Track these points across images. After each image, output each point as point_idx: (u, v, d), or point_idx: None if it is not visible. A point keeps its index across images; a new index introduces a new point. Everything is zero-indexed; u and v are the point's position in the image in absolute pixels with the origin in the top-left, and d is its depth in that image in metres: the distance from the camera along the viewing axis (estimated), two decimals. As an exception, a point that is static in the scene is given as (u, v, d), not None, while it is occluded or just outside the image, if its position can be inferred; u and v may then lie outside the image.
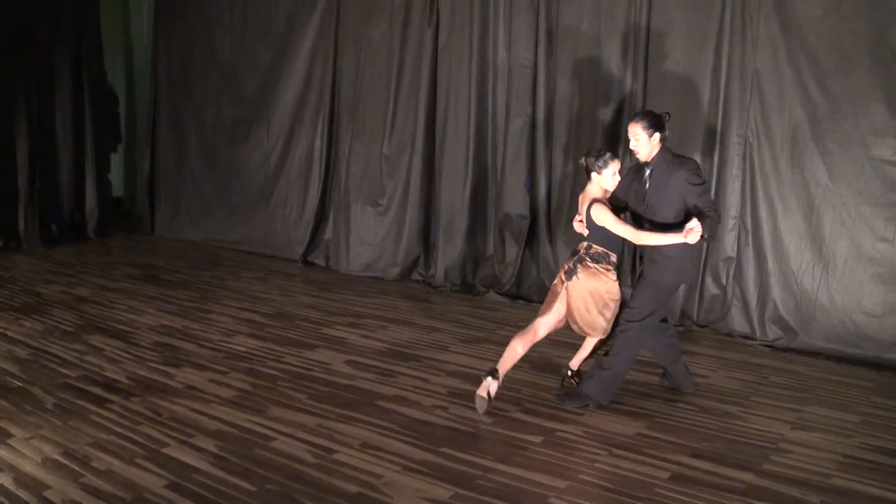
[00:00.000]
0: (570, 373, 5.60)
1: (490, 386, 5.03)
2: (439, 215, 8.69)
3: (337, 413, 4.85)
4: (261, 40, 10.12)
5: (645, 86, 7.39)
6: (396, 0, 8.84)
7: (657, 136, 5.11)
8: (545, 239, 8.10)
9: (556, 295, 5.23)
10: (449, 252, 8.59)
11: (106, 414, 4.72)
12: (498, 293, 8.23)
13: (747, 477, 4.25)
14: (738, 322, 7.13)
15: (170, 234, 11.22)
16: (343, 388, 5.31)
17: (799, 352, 6.75)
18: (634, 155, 5.23)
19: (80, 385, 5.20)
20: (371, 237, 9.11)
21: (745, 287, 7.09)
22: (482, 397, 4.99)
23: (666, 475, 4.21)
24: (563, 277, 5.21)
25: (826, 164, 6.68)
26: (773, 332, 6.95)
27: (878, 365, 6.44)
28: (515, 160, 8.16)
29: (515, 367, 5.30)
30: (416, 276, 8.89)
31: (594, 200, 5.14)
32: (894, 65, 6.39)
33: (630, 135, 5.16)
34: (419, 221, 8.84)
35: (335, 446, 4.37)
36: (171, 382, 5.28)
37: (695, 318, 7.32)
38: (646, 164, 5.18)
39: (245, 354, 5.97)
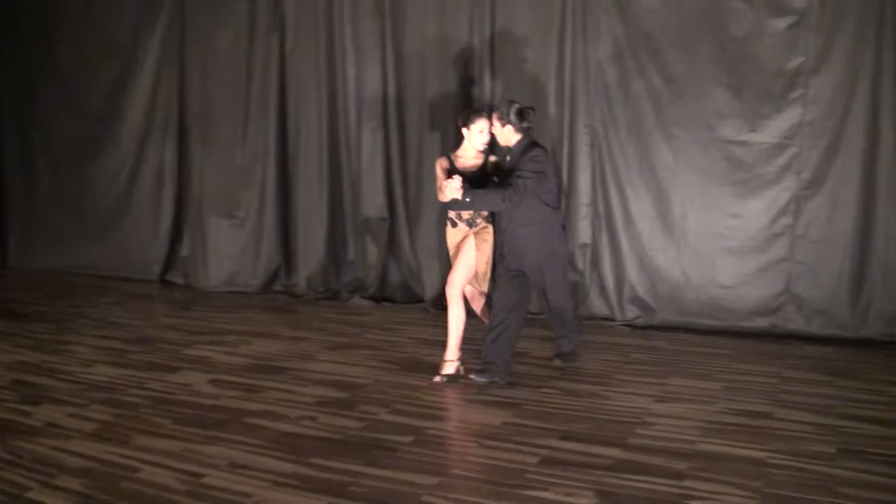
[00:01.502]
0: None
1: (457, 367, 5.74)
2: (298, 223, 8.63)
3: (203, 435, 4.77)
4: (106, 54, 9.78)
5: (493, 82, 7.53)
6: (241, 7, 8.71)
7: (510, 126, 5.60)
8: (406, 240, 8.13)
9: (458, 250, 5.80)
10: (310, 260, 8.55)
11: (-39, 462, 4.51)
12: (362, 297, 8.25)
13: (615, 452, 4.41)
14: (597, 305, 7.38)
15: (23, 265, 10.69)
16: (208, 409, 5.23)
17: (658, 328, 7.07)
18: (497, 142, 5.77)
19: (-70, 432, 4.94)
20: (229, 250, 8.97)
21: (602, 271, 7.34)
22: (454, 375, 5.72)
23: (536, 460, 4.32)
24: (466, 227, 5.80)
25: (671, 148, 7.00)
26: (632, 312, 7.23)
27: (735, 333, 6.83)
28: (370, 162, 8.19)
29: (384, 369, 5.44)
30: (278, 286, 8.80)
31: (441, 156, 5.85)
32: (734, 50, 6.75)
33: (479, 128, 5.76)
34: (277, 231, 8.75)
35: (203, 470, 4.31)
36: (29, 421, 5.07)
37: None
38: (505, 149, 5.75)
39: (106, 384, 5.79)
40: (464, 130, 5.81)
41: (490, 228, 5.85)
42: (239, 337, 7.01)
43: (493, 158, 5.92)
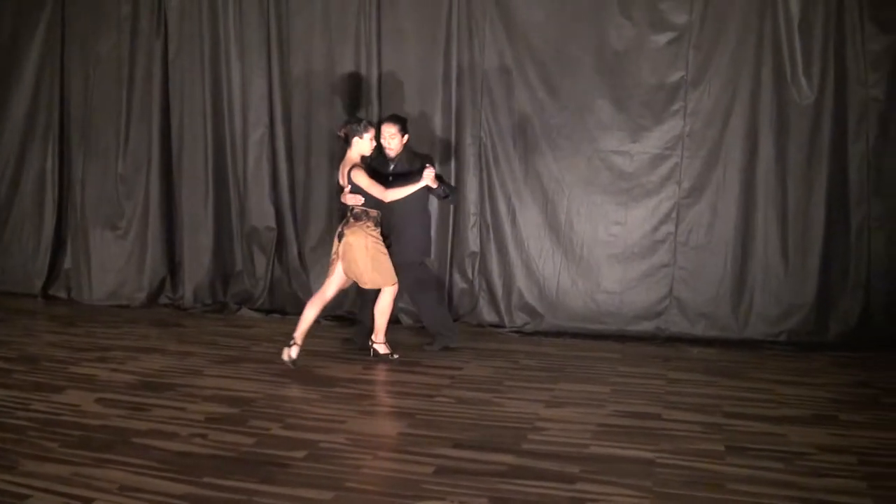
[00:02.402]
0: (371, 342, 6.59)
1: (291, 351, 6.22)
2: (183, 234, 8.50)
3: (92, 458, 4.66)
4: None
5: (380, 92, 7.61)
6: (123, 11, 8.53)
7: (406, 136, 6.41)
8: (294, 249, 8.14)
9: (335, 259, 6.28)
10: (196, 271, 8.43)
11: None
12: (251, 309, 8.19)
13: (508, 458, 4.49)
14: (486, 313, 7.54)
15: None
16: (96, 430, 5.10)
17: (547, 334, 7.25)
18: (386, 150, 6.39)
19: None
20: (112, 263, 8.76)
21: (490, 279, 7.50)
22: (285, 360, 6.19)
23: (431, 469, 4.37)
24: (336, 240, 6.26)
25: (556, 159, 7.22)
26: (520, 319, 7.41)
27: (621, 337, 7.09)
28: (257, 171, 8.15)
29: (275, 382, 5.47)
30: (163, 299, 8.65)
31: (354, 166, 6.13)
32: (616, 65, 7.00)
33: (387, 133, 6.35)
34: (162, 242, 8.60)
35: (93, 494, 4.22)
36: None
37: (447, 312, 7.62)
38: (389, 159, 6.40)
39: (-13, 406, 5.61)
40: (356, 139, 6.17)
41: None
42: (125, 353, 6.86)
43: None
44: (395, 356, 6.50)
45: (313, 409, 5.42)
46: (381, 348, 6.54)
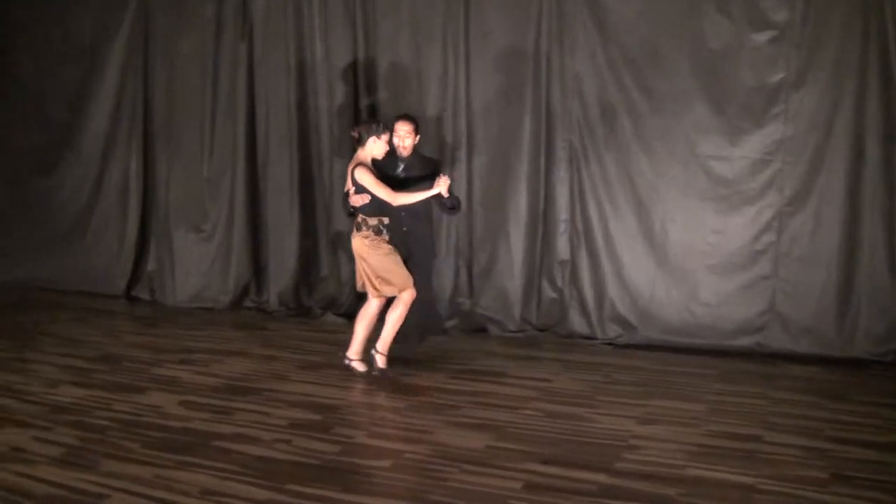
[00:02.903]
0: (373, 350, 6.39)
1: (367, 365, 6.31)
2: (268, 237, 8.58)
3: (173, 460, 4.71)
4: (66, 59, 9.68)
5: (468, 95, 7.55)
6: (207, 11, 8.65)
7: (418, 136, 6.48)
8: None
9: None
10: (281, 275, 8.49)
11: (-81, 490, 4.42)
12: (336, 314, 8.19)
13: (600, 478, 4.39)
14: (577, 323, 7.39)
15: (-21, 277, 10.57)
16: (178, 432, 5.17)
17: (640, 347, 7.07)
18: (399, 149, 6.38)
19: None
20: (197, 265, 8.89)
21: (581, 288, 7.36)
22: (370, 371, 6.29)
23: (519, 485, 4.31)
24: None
25: (651, 163, 7.04)
26: (612, 330, 7.25)
27: (718, 353, 6.84)
28: (343, 174, 8.12)
29: (360, 389, 5.54)
30: (248, 303, 8.74)
31: (358, 164, 6.07)
32: (713, 65, 6.80)
33: (402, 132, 6.37)
34: (247, 245, 8.68)
35: (174, 497, 4.25)
36: (-10, 445, 5.00)
37: (534, 322, 7.53)
38: (399, 158, 6.40)
39: (71, 405, 5.70)
40: (373, 140, 6.14)
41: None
42: (209, 355, 6.94)
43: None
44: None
45: (398, 418, 5.42)
46: (381, 360, 6.31)
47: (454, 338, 7.50)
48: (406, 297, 6.20)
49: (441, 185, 6.03)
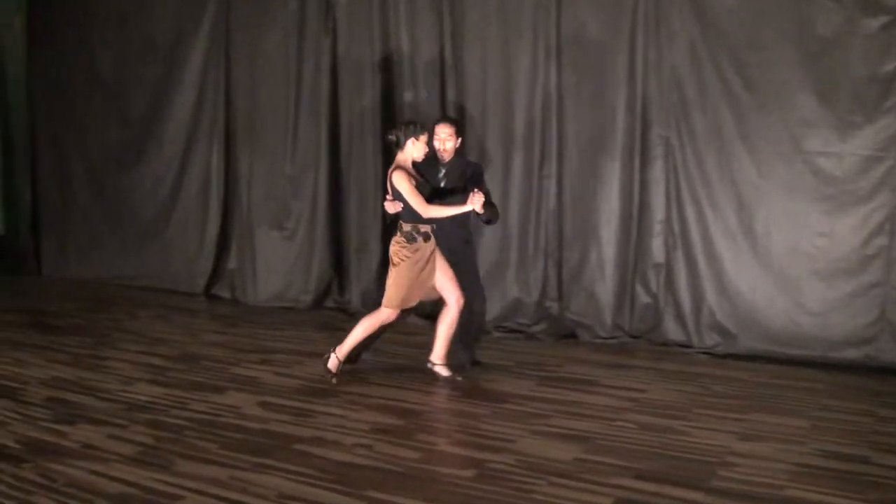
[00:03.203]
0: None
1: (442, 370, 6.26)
2: (351, 236, 8.64)
3: (250, 462, 4.74)
4: (146, 55, 9.92)
5: (559, 90, 7.49)
6: (290, 6, 8.77)
7: (460, 139, 6.35)
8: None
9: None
10: (364, 275, 8.53)
11: (-7, 484, 4.53)
12: (420, 316, 8.17)
13: (697, 496, 4.27)
14: (672, 330, 7.27)
15: (59, 274, 10.89)
16: (256, 434, 5.21)
17: (740, 357, 6.91)
18: (440, 153, 6.27)
19: (-38, 453, 4.98)
20: (278, 264, 9.00)
21: (677, 293, 7.23)
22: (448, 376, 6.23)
23: (609, 501, 4.22)
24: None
25: (754, 161, 6.87)
26: (710, 339, 7.09)
27: (825, 365, 6.64)
28: (431, 174, 8.16)
29: (443, 395, 5.53)
30: (330, 302, 8.80)
31: (397, 167, 6.00)
32: (822, 54, 6.59)
33: (443, 135, 6.26)
34: (330, 244, 8.76)
35: (250, 500, 4.27)
36: (65, 442, 5.10)
37: (627, 328, 7.44)
38: (439, 162, 6.30)
39: (147, 404, 5.81)
40: (412, 142, 6.06)
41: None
42: (289, 356, 7.01)
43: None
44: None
45: (483, 425, 5.35)
46: (333, 363, 6.29)
47: (542, 343, 7.46)
48: (383, 315, 6.20)
49: (475, 203, 5.85)
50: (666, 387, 6.17)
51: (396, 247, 6.06)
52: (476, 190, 5.90)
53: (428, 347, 6.43)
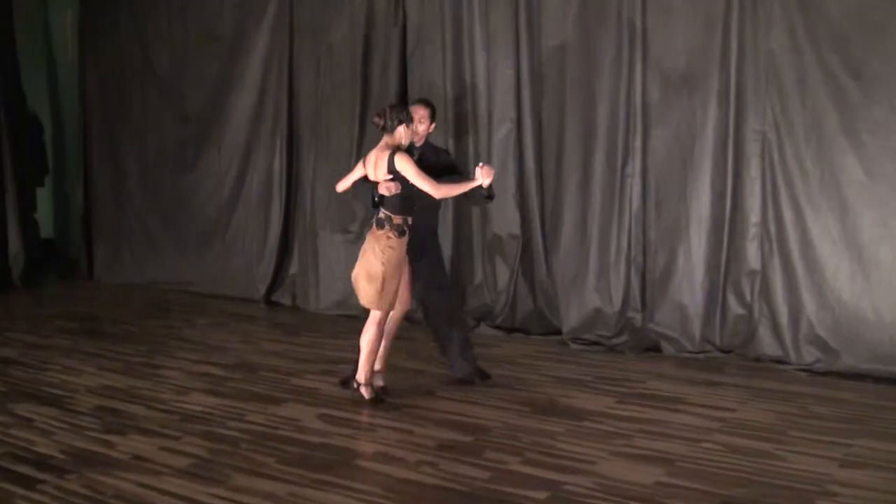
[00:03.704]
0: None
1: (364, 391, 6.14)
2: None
3: (310, 478, 4.76)
4: (205, 49, 10.09)
5: (644, 79, 7.42)
6: (357, -1, 8.85)
7: (433, 125, 6.44)
8: (541, 260, 8.08)
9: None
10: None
11: (37, 497, 4.58)
12: (490, 326, 8.20)
13: (791, 527, 4.21)
14: (767, 344, 7.14)
15: (111, 279, 11.12)
16: (316, 448, 5.23)
17: (843, 375, 6.74)
18: (413, 136, 6.22)
19: (5, 464, 5.05)
20: (343, 270, 8.98)
21: (773, 304, 7.10)
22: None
23: (694, 529, 4.17)
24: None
25: (860, 158, 6.72)
26: (810, 354, 6.95)
27: (939, 387, 6.46)
28: (502, 172, 8.12)
29: (514, 411, 5.43)
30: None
31: (396, 151, 5.92)
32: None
33: (419, 116, 6.27)
34: (396, 249, 8.78)
35: (308, 518, 4.30)
36: (114, 453, 5.18)
37: (717, 342, 7.33)
38: (412, 146, 6.25)
39: (201, 415, 5.88)
40: (404, 128, 6.00)
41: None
42: (352, 367, 7.00)
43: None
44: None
45: (557, 444, 5.31)
46: (365, 391, 6.13)
47: (623, 357, 7.39)
48: (378, 318, 6.13)
49: (483, 176, 5.92)
50: (759, 406, 6.06)
51: (383, 242, 5.93)
52: (482, 164, 6.06)
53: (499, 359, 6.41)
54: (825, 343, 6.88)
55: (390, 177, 5.90)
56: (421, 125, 6.28)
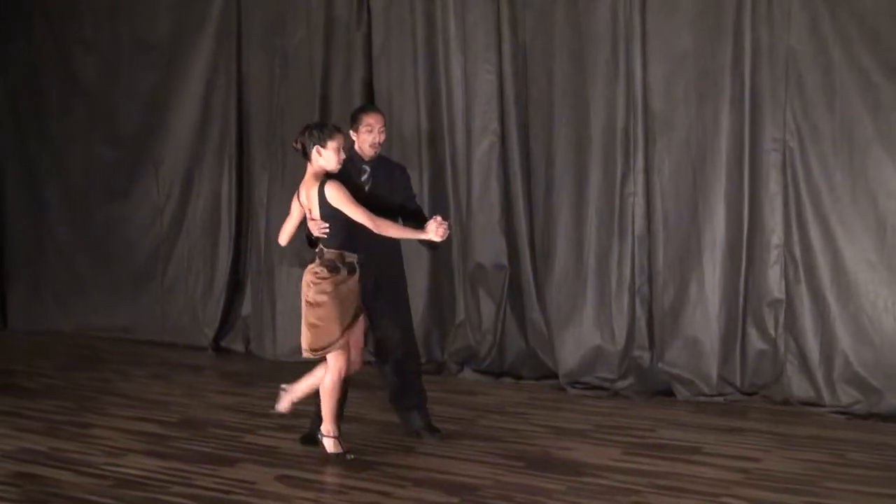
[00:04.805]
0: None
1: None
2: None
3: (268, 550, 4.74)
4: (138, 59, 10.08)
5: (645, 83, 7.48)
6: (314, -1, 8.91)
7: (382, 136, 6.42)
8: (532, 294, 8.12)
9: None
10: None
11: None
12: (476, 370, 8.22)
13: None
14: (796, 385, 7.18)
15: (29, 326, 11.02)
16: (275, 516, 5.21)
17: (886, 417, 6.79)
18: (368, 148, 6.28)
19: None
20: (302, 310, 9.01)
21: (801, 338, 7.14)
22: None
23: None
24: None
25: (898, 168, 6.82)
26: (847, 395, 6.98)
27: None
28: (484, 193, 8.19)
29: (504, 466, 5.42)
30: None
31: (328, 180, 5.87)
32: None
33: (379, 127, 6.32)
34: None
35: None
36: (36, 528, 5.14)
37: (737, 382, 7.37)
38: (363, 161, 6.33)
39: (141, 479, 5.82)
40: (317, 150, 5.92)
41: None
42: (312, 419, 6.98)
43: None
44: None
45: (555, 503, 5.28)
46: (330, 444, 6.16)
47: (629, 402, 7.42)
48: (333, 364, 6.12)
49: (436, 235, 5.93)
50: (787, 455, 6.08)
51: (313, 279, 6.01)
52: (437, 217, 5.99)
53: (487, 408, 6.39)
54: (865, 381, 6.92)
55: (319, 211, 5.94)
56: (369, 135, 6.27)
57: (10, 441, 6.69)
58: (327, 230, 5.92)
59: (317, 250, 6.06)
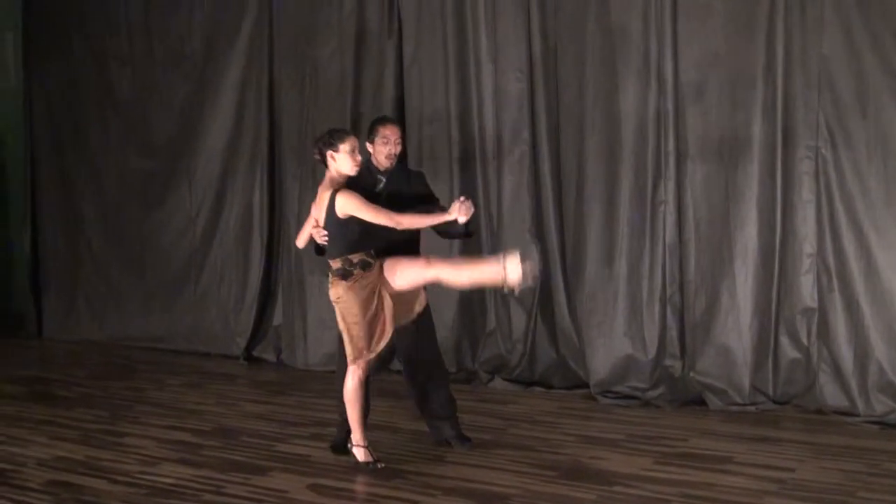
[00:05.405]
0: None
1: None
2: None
3: (300, 558, 4.73)
4: (173, 71, 10.15)
5: (676, 90, 7.45)
6: (346, 7, 8.89)
7: (398, 147, 6.40)
8: (563, 303, 8.10)
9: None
10: (438, 330, 8.37)
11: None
12: (506, 379, 8.19)
13: None
14: (830, 394, 7.10)
15: (64, 336, 11.09)
16: (306, 524, 5.21)
17: (923, 428, 6.73)
18: (384, 159, 6.29)
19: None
20: (334, 319, 8.97)
21: (834, 346, 7.07)
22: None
23: None
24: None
25: (935, 176, 6.75)
26: (882, 404, 6.90)
27: None
28: (515, 201, 8.16)
29: (535, 475, 5.40)
30: (396, 365, 8.75)
31: (338, 188, 5.85)
32: None
33: (395, 138, 6.33)
34: (395, 294, 8.77)
35: None
36: (69, 534, 5.15)
37: (770, 392, 7.30)
38: (378, 171, 6.34)
39: (174, 488, 5.85)
40: (332, 154, 5.91)
41: None
42: (340, 429, 6.97)
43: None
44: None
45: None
46: (360, 454, 6.15)
47: (661, 411, 7.38)
48: (355, 375, 6.22)
49: (461, 212, 5.94)
50: (821, 465, 6.03)
51: (333, 289, 6.06)
52: (462, 197, 6.04)
53: (517, 417, 6.36)
54: (900, 390, 6.88)
55: (325, 219, 5.94)
56: (385, 146, 6.27)
57: (46, 450, 6.74)
58: (326, 238, 5.97)
59: (336, 264, 6.00)
